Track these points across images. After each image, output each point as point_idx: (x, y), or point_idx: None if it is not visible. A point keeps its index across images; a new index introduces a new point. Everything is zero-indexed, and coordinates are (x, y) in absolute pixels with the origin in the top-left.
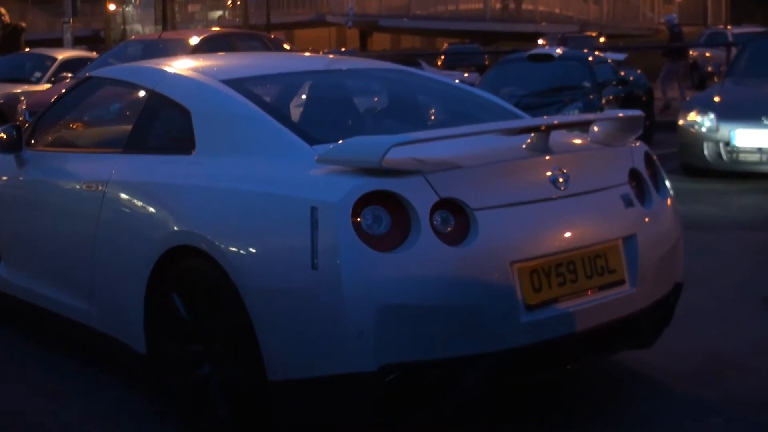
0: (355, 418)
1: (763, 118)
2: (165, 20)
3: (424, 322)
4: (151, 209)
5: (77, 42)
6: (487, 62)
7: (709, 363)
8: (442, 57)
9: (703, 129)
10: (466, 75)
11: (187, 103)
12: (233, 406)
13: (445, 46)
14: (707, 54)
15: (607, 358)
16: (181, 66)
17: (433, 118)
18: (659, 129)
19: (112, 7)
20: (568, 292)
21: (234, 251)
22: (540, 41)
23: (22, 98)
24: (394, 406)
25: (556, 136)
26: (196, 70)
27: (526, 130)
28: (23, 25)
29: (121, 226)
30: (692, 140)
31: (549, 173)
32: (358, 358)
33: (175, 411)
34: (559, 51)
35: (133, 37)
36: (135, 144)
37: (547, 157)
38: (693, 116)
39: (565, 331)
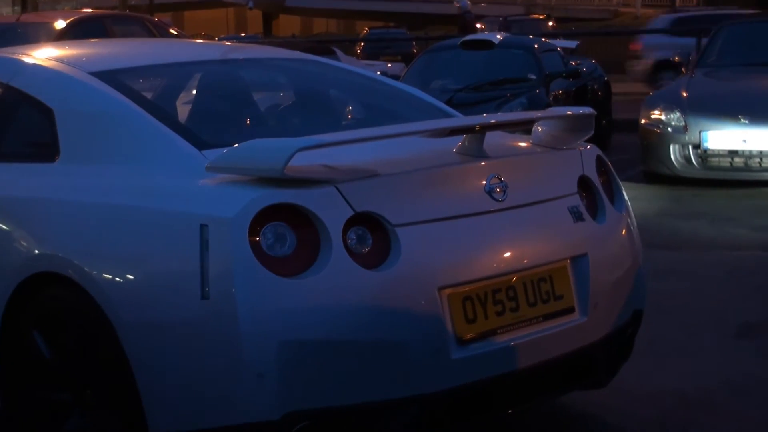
0: None
1: (740, 116)
2: (24, 0)
3: (337, 361)
4: (6, 228)
5: None
6: (414, 50)
7: (677, 405)
8: (362, 44)
9: (669, 129)
10: (389, 66)
11: (49, 101)
12: None
13: (366, 31)
14: None
15: (555, 399)
16: (42, 55)
17: (348, 117)
18: (619, 128)
19: None
20: (507, 322)
21: (108, 279)
22: (477, 25)
23: None
24: None
25: (493, 138)
26: (60, 60)
27: (458, 131)
28: None
29: None
30: (656, 142)
31: (484, 182)
32: (258, 406)
33: None
34: (499, 37)
35: None
36: None
37: (483, 163)
38: (657, 114)
39: (504, 370)
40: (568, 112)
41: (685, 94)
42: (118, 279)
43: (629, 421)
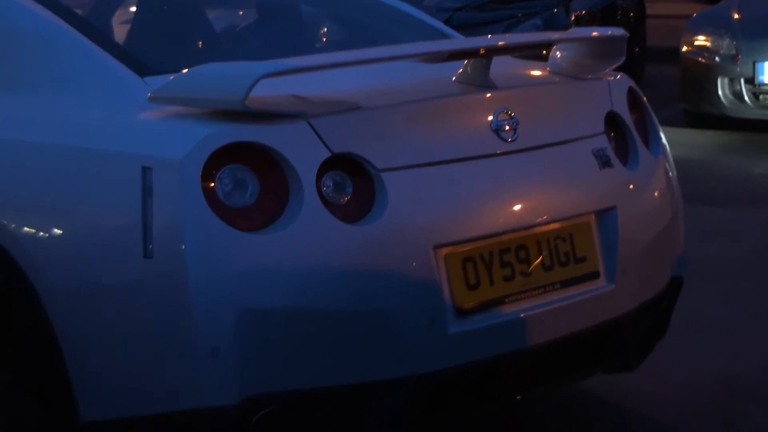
0: None
1: None
2: None
3: (309, 335)
4: None
5: None
6: None
7: (720, 393)
8: None
9: (717, 59)
10: None
11: None
12: None
13: None
14: None
15: (574, 385)
16: None
17: (323, 39)
18: (654, 58)
19: None
20: (517, 290)
21: (29, 233)
22: None
23: None
24: None
25: (501, 65)
26: None
27: (459, 55)
28: None
29: None
30: (700, 75)
31: (490, 118)
32: (212, 388)
33: None
34: None
35: None
36: None
37: (488, 95)
38: (702, 41)
39: (512, 347)
40: (594, 33)
41: (736, 16)
42: (41, 234)
43: (663, 412)
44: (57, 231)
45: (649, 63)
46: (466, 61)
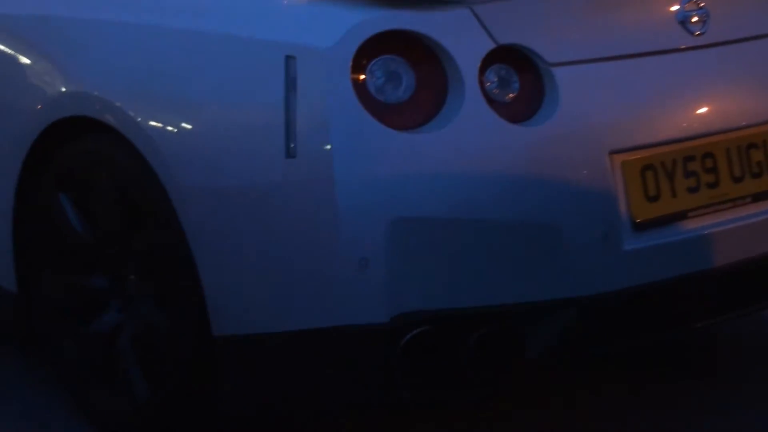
0: (350, 398)
1: None
2: None
3: (468, 248)
4: (19, 59)
5: None
6: None
7: None
8: None
9: None
10: None
11: None
12: (154, 379)
13: None
14: None
15: (761, 312)
16: None
17: None
18: None
19: None
20: (703, 203)
21: (159, 128)
22: None
23: None
24: (415, 381)
25: None
26: None
27: None
28: None
29: None
30: None
31: (676, 7)
32: (359, 304)
33: (66, 386)
34: None
35: None
36: None
37: None
38: None
39: (694, 268)
40: None
41: None
42: (172, 128)
43: None
44: (189, 126)
45: None
46: None
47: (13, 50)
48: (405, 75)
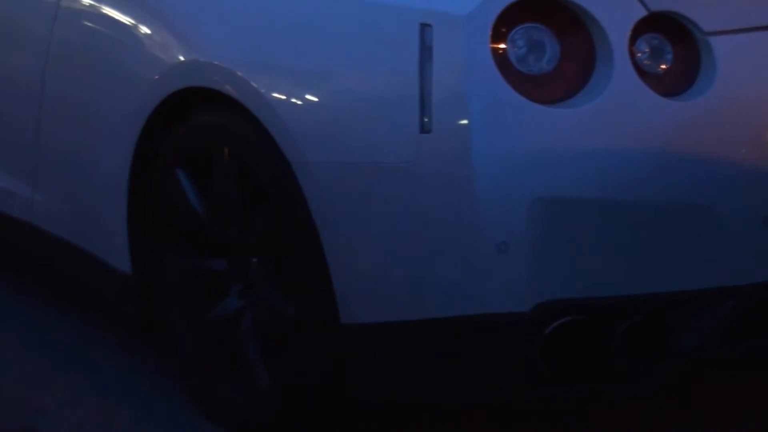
0: (489, 391)
1: None
2: None
3: (617, 232)
4: (139, 28)
5: None
6: None
7: None
8: None
9: None
10: None
11: None
12: (277, 368)
13: None
14: None
15: None
16: None
17: None
18: None
19: None
20: None
21: (284, 100)
22: None
23: None
24: (557, 373)
25: None
26: None
27: None
28: None
29: (86, 58)
30: None
31: None
32: (498, 291)
33: (181, 374)
34: None
35: None
36: None
37: None
38: None
39: None
40: None
41: None
42: (298, 101)
43: None
44: (316, 98)
45: None
46: None
47: (128, 18)
48: (549, 44)
